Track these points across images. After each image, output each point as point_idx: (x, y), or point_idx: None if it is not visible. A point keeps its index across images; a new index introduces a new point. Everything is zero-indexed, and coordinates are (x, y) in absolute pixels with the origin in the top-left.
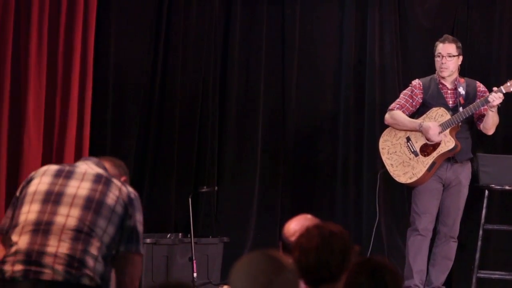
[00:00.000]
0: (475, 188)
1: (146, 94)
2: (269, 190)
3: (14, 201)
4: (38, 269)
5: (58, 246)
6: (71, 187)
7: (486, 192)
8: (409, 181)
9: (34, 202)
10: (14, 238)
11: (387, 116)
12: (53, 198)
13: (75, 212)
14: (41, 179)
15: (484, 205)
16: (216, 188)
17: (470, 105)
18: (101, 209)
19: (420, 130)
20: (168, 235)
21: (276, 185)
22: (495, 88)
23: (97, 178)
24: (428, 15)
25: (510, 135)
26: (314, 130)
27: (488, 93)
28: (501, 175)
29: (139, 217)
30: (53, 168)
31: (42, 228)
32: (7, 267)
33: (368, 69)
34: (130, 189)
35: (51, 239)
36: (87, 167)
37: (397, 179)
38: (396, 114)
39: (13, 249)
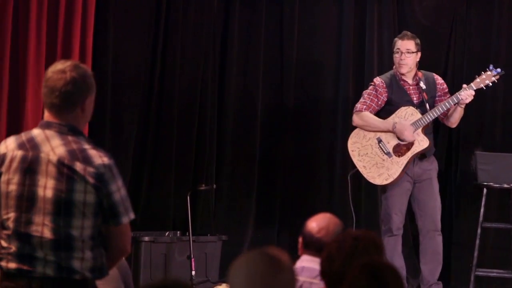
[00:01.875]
0: (474, 186)
1: (145, 92)
2: (268, 188)
3: None
4: (30, 268)
5: (45, 254)
6: (39, 188)
7: (485, 190)
8: (385, 182)
9: (10, 208)
10: (4, 243)
11: (355, 118)
12: (24, 205)
13: (48, 219)
14: (9, 177)
15: (483, 203)
16: (214, 186)
17: (441, 104)
18: (71, 208)
19: (394, 131)
20: (167, 233)
21: (275, 183)
22: (464, 85)
23: (60, 171)
24: (426, 12)
25: (508, 133)
26: (313, 127)
27: (445, 85)
28: (500, 173)
29: (115, 187)
30: (18, 157)
31: (23, 239)
32: (3, 263)
33: (366, 66)
34: (97, 161)
35: (36, 248)
36: (50, 149)
37: (371, 181)
38: (366, 115)
39: (6, 250)
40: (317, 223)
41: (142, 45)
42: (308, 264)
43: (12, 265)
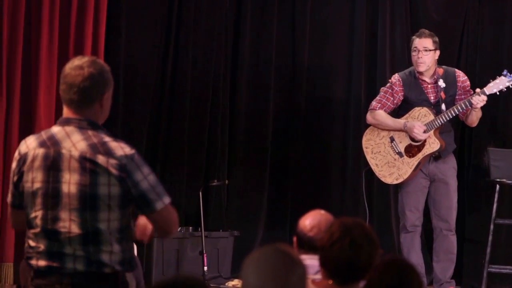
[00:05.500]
0: (486, 183)
1: (157, 89)
2: (280, 184)
3: (14, 179)
4: (60, 265)
5: (74, 250)
6: (64, 184)
7: (497, 186)
8: (395, 182)
9: (36, 206)
10: (32, 242)
11: (368, 116)
12: (50, 202)
13: (74, 215)
14: (33, 176)
15: (495, 199)
16: (226, 182)
17: (454, 107)
18: (97, 202)
19: (405, 130)
20: (179, 229)
21: (287, 179)
22: (478, 90)
23: (82, 165)
24: (439, 8)
25: None
26: (325, 123)
27: (468, 81)
28: None
29: (141, 176)
30: (40, 155)
31: (51, 236)
32: (33, 262)
33: (378, 62)
34: (119, 153)
35: (64, 245)
36: (71, 145)
37: (383, 179)
38: (378, 114)
39: (35, 250)
40: (308, 222)
41: (154, 43)
42: (308, 262)
43: (42, 263)
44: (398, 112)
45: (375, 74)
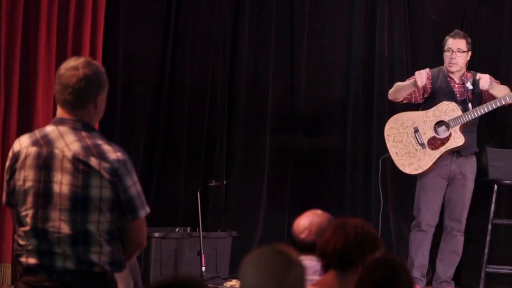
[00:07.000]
0: (484, 183)
1: (155, 88)
2: (278, 183)
3: (6, 177)
4: (50, 263)
5: (63, 250)
6: (55, 183)
7: (495, 186)
8: (414, 172)
9: (27, 205)
10: (21, 241)
11: (390, 90)
12: (41, 202)
13: (64, 215)
14: (25, 174)
15: (493, 199)
16: (224, 182)
17: (483, 106)
18: (88, 204)
19: (416, 85)
20: (177, 229)
21: (285, 178)
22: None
23: (75, 167)
24: (437, 8)
25: None
26: (323, 123)
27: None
28: (510, 170)
29: (131, 182)
30: (32, 153)
31: (41, 235)
32: (23, 259)
33: (377, 62)
34: (112, 157)
35: (54, 244)
36: (64, 145)
37: (401, 168)
38: (396, 83)
39: (24, 248)
40: (300, 223)
41: (153, 41)
42: (306, 262)
43: (32, 261)
44: (423, 108)
45: (374, 74)
